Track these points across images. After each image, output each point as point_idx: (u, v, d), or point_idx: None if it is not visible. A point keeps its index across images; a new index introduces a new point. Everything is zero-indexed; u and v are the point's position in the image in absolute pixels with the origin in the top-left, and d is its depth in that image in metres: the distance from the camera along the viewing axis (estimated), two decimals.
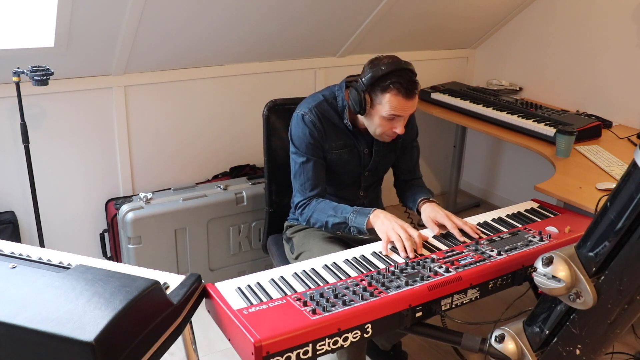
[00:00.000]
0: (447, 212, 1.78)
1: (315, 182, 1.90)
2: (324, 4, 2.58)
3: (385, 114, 1.78)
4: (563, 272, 1.19)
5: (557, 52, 3.16)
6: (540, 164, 2.93)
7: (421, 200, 1.92)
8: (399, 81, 1.73)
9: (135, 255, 2.43)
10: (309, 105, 1.92)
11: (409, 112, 1.80)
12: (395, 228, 1.65)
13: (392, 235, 1.63)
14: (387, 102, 1.76)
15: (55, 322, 1.08)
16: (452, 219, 1.74)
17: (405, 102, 1.76)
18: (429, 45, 3.36)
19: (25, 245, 1.56)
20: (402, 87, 1.74)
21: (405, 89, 1.74)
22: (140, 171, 2.69)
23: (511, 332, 1.37)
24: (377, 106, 1.79)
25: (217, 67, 2.72)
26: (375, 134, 1.88)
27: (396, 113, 1.77)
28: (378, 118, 1.81)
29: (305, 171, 1.90)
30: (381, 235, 1.68)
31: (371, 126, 1.86)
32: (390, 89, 1.74)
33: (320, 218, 1.86)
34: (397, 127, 1.82)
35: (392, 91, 1.74)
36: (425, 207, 1.87)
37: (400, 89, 1.74)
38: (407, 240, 1.60)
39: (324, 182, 1.93)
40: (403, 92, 1.74)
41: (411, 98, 1.77)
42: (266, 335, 1.19)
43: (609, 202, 1.16)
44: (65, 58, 2.24)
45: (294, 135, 1.93)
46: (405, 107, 1.78)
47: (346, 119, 1.92)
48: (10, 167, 2.38)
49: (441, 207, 1.84)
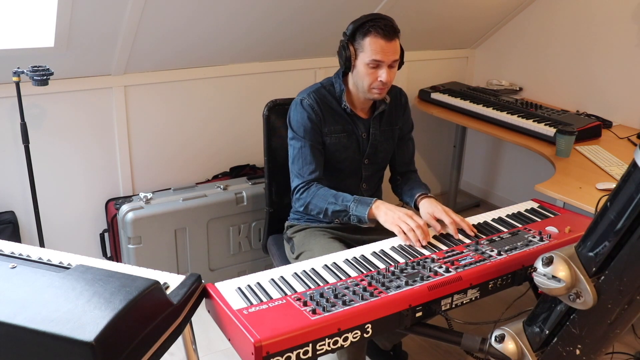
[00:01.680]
0: (446, 208, 1.78)
1: (313, 166, 1.91)
2: (323, 3, 2.58)
3: (367, 60, 1.83)
4: (563, 272, 1.19)
5: (557, 52, 3.16)
6: (540, 164, 2.93)
7: (419, 196, 1.93)
8: (377, 25, 1.81)
9: (135, 255, 2.43)
10: (308, 91, 1.96)
11: (390, 56, 1.83)
12: (402, 217, 1.68)
13: (404, 226, 1.65)
14: (367, 46, 1.82)
15: (55, 322, 1.08)
16: (450, 215, 1.74)
17: (385, 44, 1.81)
18: (429, 45, 3.36)
19: (25, 245, 1.55)
20: (381, 29, 1.80)
21: (383, 31, 1.80)
22: (140, 171, 2.69)
23: (511, 332, 1.37)
24: (360, 55, 1.84)
25: (217, 67, 2.72)
26: (364, 89, 1.90)
27: (377, 58, 1.82)
28: (363, 67, 1.85)
29: (303, 155, 1.91)
30: (392, 228, 1.69)
31: (359, 81, 1.89)
32: (370, 33, 1.81)
33: (320, 204, 1.86)
34: (382, 75, 1.85)
35: (371, 34, 1.81)
36: (424, 203, 1.87)
37: (378, 31, 1.80)
38: (418, 229, 1.63)
39: (322, 167, 1.94)
40: (381, 34, 1.80)
41: (390, 40, 1.82)
42: (266, 335, 1.19)
43: (609, 202, 1.16)
44: (65, 58, 2.24)
45: (292, 120, 1.95)
46: (386, 50, 1.82)
47: (344, 102, 1.94)
48: (10, 167, 2.38)
49: (439, 203, 1.84)
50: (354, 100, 1.97)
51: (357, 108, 1.98)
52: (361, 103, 1.98)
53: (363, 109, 1.99)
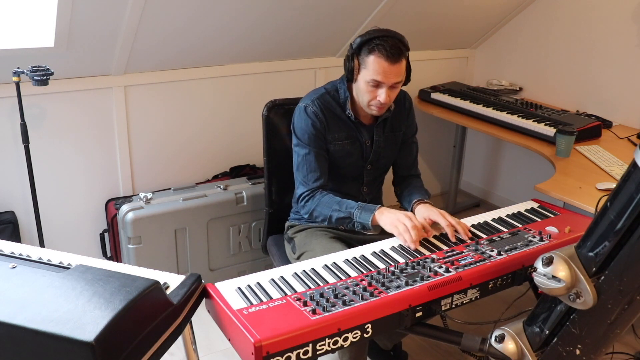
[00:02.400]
0: (441, 211, 1.78)
1: (318, 174, 1.91)
2: (323, 3, 2.58)
3: (368, 78, 1.80)
4: (563, 272, 1.19)
5: (557, 52, 3.16)
6: (540, 164, 2.93)
7: (416, 202, 1.93)
8: (383, 44, 1.75)
9: (135, 255, 2.43)
10: (312, 97, 1.93)
11: (391, 78, 1.79)
12: (400, 218, 1.68)
13: (400, 226, 1.65)
14: (370, 64, 1.78)
15: (55, 322, 1.08)
16: (446, 217, 1.74)
17: (388, 66, 1.76)
18: (429, 45, 3.36)
19: (25, 245, 1.55)
20: (385, 50, 1.75)
21: (387, 52, 1.75)
22: (140, 171, 2.69)
23: (511, 332, 1.37)
24: (363, 71, 1.82)
25: (218, 67, 2.72)
26: (363, 104, 1.89)
27: (377, 78, 1.78)
28: (363, 83, 1.83)
29: (307, 162, 1.91)
30: (391, 230, 1.69)
31: (359, 95, 1.88)
32: (374, 51, 1.76)
33: (324, 212, 1.86)
34: (380, 95, 1.82)
35: (375, 53, 1.76)
36: (419, 208, 1.87)
37: (382, 52, 1.75)
38: (413, 230, 1.63)
39: (326, 174, 1.94)
40: (385, 55, 1.75)
41: (394, 62, 1.77)
42: (266, 335, 1.19)
43: (609, 202, 1.16)
44: (65, 58, 2.24)
45: (296, 126, 1.93)
46: (388, 72, 1.77)
47: (348, 109, 1.93)
48: (10, 167, 2.38)
49: (435, 207, 1.84)
50: (357, 107, 1.95)
51: (361, 115, 1.96)
52: (364, 110, 1.95)
53: (367, 115, 1.97)
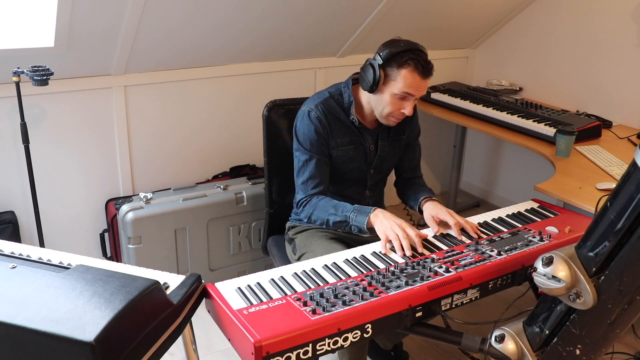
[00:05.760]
0: (449, 210, 1.78)
1: (317, 181, 1.90)
2: (323, 3, 2.58)
3: (397, 91, 1.79)
4: (563, 272, 1.19)
5: (557, 52, 3.16)
6: (540, 164, 2.93)
7: (423, 199, 1.93)
8: (417, 59, 1.76)
9: (135, 255, 2.43)
10: (315, 101, 1.92)
11: (421, 92, 1.82)
12: (393, 227, 1.65)
13: (390, 234, 1.64)
14: (402, 78, 1.77)
15: (55, 322, 1.08)
16: (454, 216, 1.74)
17: (420, 80, 1.78)
18: (429, 45, 3.29)
19: (25, 245, 1.55)
20: (420, 64, 1.76)
21: (422, 67, 1.76)
22: (140, 171, 2.69)
23: (511, 332, 1.37)
24: (391, 82, 1.80)
25: (217, 67, 2.72)
26: (382, 115, 1.87)
27: (409, 91, 1.79)
28: (389, 95, 1.81)
29: (308, 169, 1.90)
30: (380, 235, 1.68)
31: (379, 106, 1.86)
32: (408, 65, 1.76)
33: (321, 216, 1.86)
34: (406, 108, 1.83)
35: (409, 67, 1.76)
36: (428, 205, 1.87)
37: (417, 66, 1.76)
38: (405, 239, 1.61)
39: (326, 180, 1.93)
40: (420, 70, 1.76)
41: (426, 78, 1.79)
42: (266, 335, 1.19)
43: (609, 202, 1.16)
44: (65, 58, 2.24)
45: (299, 131, 1.92)
46: (419, 86, 1.79)
47: (352, 114, 1.92)
48: (10, 167, 2.38)
49: (443, 205, 1.84)
50: (362, 112, 1.94)
51: (366, 120, 1.95)
52: (370, 115, 1.94)
53: (371, 120, 1.96)
